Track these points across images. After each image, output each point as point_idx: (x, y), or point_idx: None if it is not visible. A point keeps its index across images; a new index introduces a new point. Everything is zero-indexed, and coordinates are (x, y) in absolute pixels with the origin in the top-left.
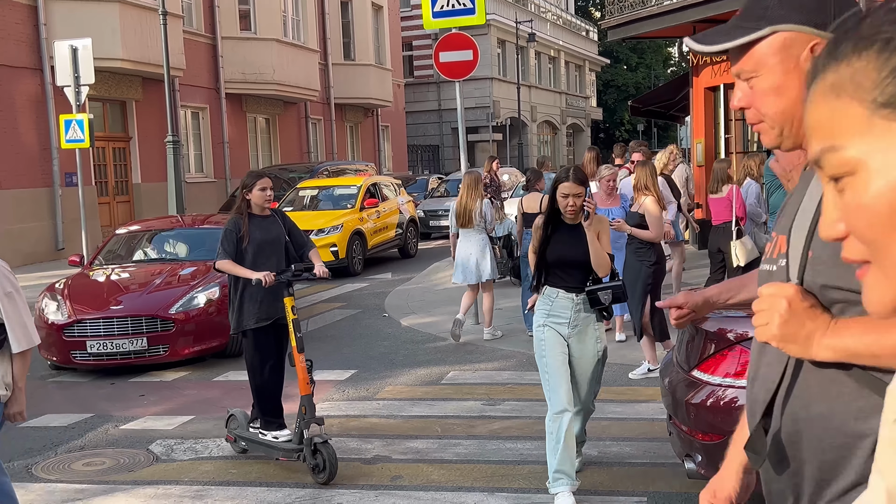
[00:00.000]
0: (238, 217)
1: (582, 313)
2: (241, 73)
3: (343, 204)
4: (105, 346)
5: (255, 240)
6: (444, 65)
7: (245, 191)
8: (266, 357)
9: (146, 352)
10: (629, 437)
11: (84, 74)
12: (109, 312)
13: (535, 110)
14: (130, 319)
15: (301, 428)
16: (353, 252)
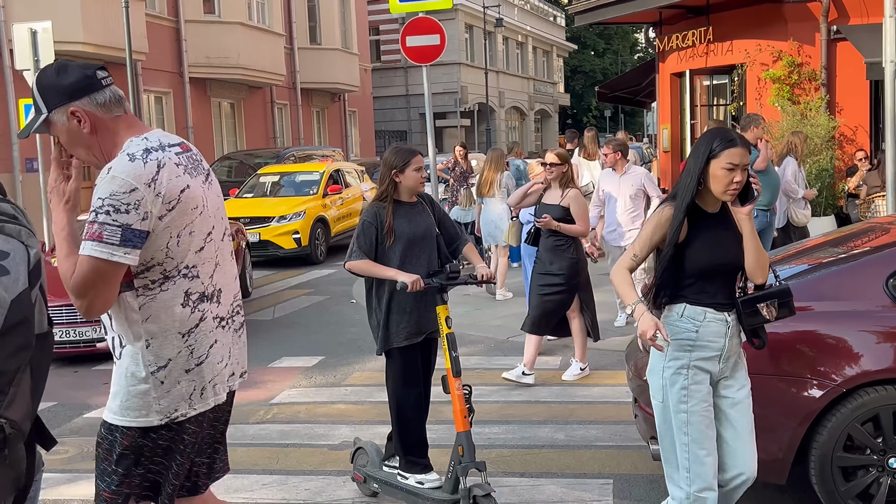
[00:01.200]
0: (380, 206)
1: (734, 339)
2: (206, 57)
3: (305, 190)
4: (68, 334)
5: (403, 235)
6: (411, 49)
7: (394, 171)
8: (414, 382)
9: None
10: (595, 421)
11: (44, 58)
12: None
13: (503, 96)
14: None
15: (457, 474)
16: (317, 239)
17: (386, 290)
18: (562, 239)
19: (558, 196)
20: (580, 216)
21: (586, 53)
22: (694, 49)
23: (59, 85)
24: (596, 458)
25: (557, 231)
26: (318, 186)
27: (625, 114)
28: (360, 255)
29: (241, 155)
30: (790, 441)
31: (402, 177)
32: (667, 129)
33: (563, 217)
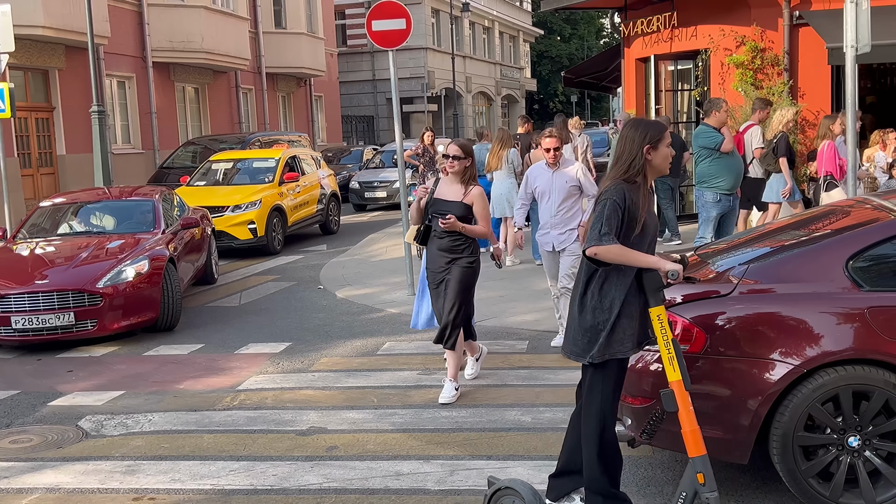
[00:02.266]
0: (629, 187)
1: None
2: (169, 41)
3: (260, 178)
4: (30, 322)
5: (649, 224)
6: (376, 33)
7: (647, 147)
8: (617, 399)
9: (73, 327)
10: (562, 404)
11: (3, 42)
12: (34, 287)
13: (469, 81)
14: (56, 294)
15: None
16: (273, 229)
17: (618, 286)
18: (460, 240)
19: (460, 192)
20: (483, 216)
21: (552, 38)
22: (659, 34)
23: None
24: (562, 441)
25: (457, 231)
26: (273, 174)
27: (591, 99)
28: (612, 240)
29: (205, 140)
30: (752, 421)
31: (655, 154)
32: (632, 114)
33: (466, 216)
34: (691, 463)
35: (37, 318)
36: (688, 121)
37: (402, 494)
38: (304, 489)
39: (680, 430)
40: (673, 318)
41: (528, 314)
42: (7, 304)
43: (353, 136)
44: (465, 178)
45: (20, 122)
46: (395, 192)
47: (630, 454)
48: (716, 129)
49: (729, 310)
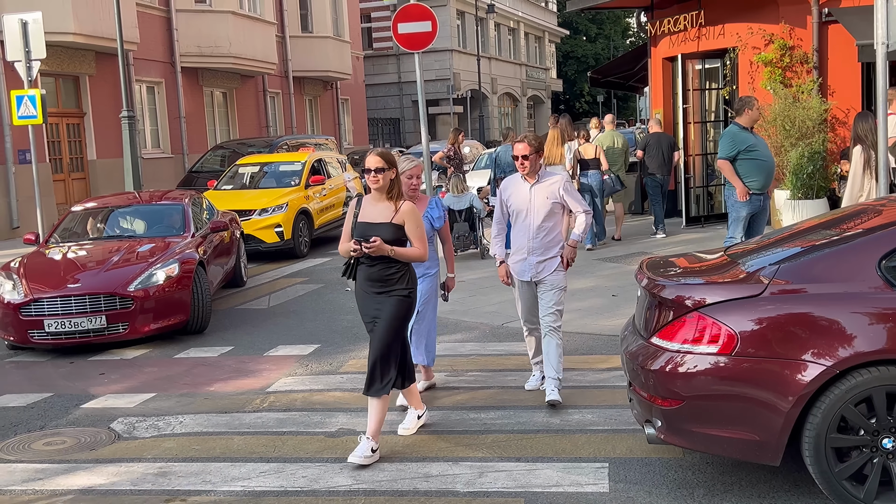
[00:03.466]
0: None
1: None
2: (197, 46)
3: (287, 181)
4: (63, 325)
5: None
6: (402, 36)
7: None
8: None
9: (105, 330)
10: (590, 405)
11: (35, 49)
12: (67, 291)
13: (495, 82)
14: (88, 297)
15: None
16: (300, 233)
17: None
18: (393, 267)
19: (389, 211)
20: (417, 235)
21: (578, 39)
22: (686, 33)
23: None
24: (591, 443)
25: (389, 257)
26: (299, 177)
27: (617, 99)
28: None
29: (233, 144)
30: (784, 423)
31: None
32: (659, 114)
33: (397, 238)
34: None
35: (69, 321)
36: (716, 120)
37: (430, 496)
38: (334, 491)
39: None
40: (702, 319)
41: None
42: (40, 308)
43: (379, 139)
44: (392, 194)
45: (52, 128)
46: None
47: (661, 456)
48: (747, 129)
49: (760, 310)
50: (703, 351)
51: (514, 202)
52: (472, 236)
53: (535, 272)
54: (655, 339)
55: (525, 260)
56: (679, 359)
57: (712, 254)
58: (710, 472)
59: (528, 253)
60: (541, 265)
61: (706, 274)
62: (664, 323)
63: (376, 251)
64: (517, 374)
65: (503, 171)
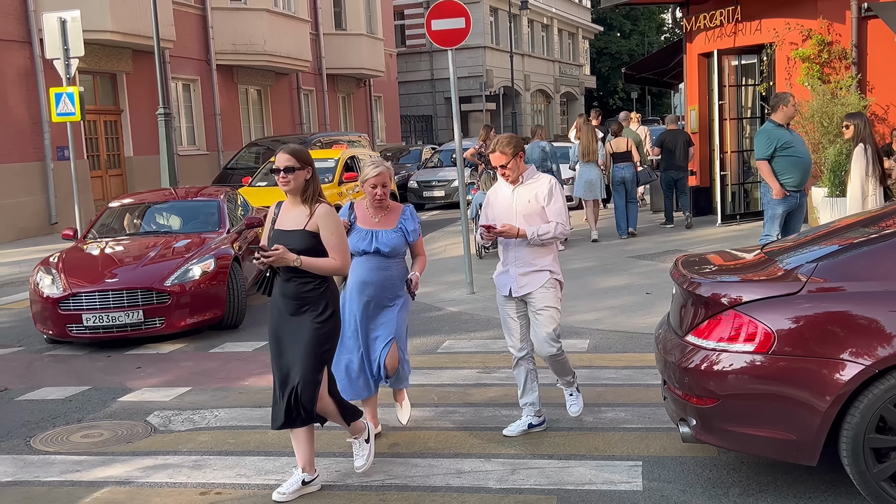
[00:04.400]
0: None
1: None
2: (232, 44)
3: (320, 178)
4: (101, 319)
5: None
6: (436, 33)
7: None
8: None
9: (142, 324)
10: (624, 403)
11: (73, 47)
12: (105, 285)
13: (528, 79)
14: (126, 292)
15: None
16: None
17: None
18: (311, 282)
19: (303, 216)
20: (334, 245)
21: (612, 35)
22: (722, 29)
23: None
24: (624, 441)
25: (306, 271)
26: (333, 174)
27: (651, 95)
28: None
29: (267, 141)
30: (821, 423)
31: None
32: (694, 110)
33: (311, 247)
34: None
35: (107, 315)
36: (752, 116)
37: (463, 492)
38: (367, 485)
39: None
40: (739, 316)
41: (589, 313)
42: (79, 302)
43: (411, 136)
44: (306, 196)
45: (89, 125)
46: (454, 191)
47: (696, 455)
48: (783, 125)
49: (797, 309)
50: (739, 349)
51: (496, 206)
52: None
53: (517, 286)
54: (691, 337)
55: (506, 272)
56: (715, 357)
57: (749, 251)
58: (745, 472)
59: (510, 264)
60: (524, 279)
61: (743, 272)
62: (700, 321)
63: (278, 261)
64: (549, 372)
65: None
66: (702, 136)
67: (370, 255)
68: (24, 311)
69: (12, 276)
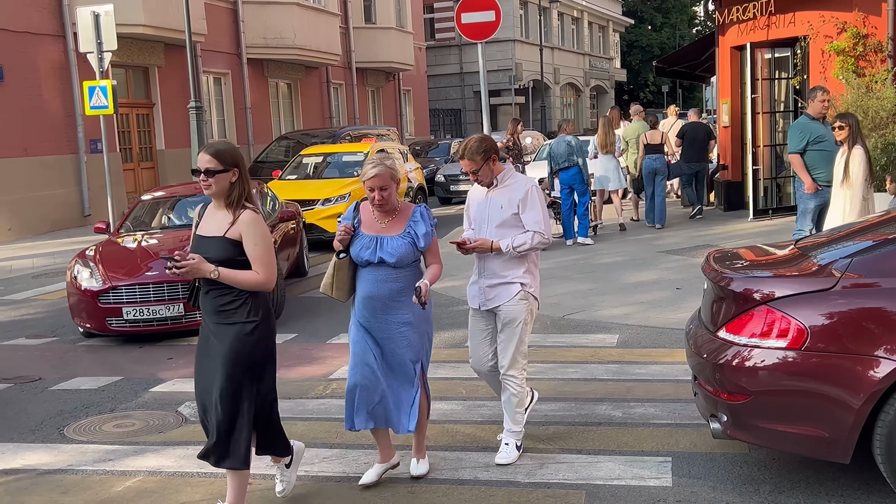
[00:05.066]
0: None
1: None
2: (263, 37)
3: (349, 171)
4: (141, 313)
5: None
6: (466, 26)
7: None
8: None
9: (183, 318)
10: (653, 399)
11: (107, 40)
12: (145, 278)
13: (558, 72)
14: (167, 285)
15: None
16: None
17: None
18: (229, 295)
19: (225, 222)
20: (258, 256)
21: (643, 28)
22: (755, 21)
23: None
24: (654, 436)
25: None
26: (362, 167)
27: (683, 89)
28: None
29: (297, 135)
30: (854, 420)
31: None
32: (727, 104)
33: (231, 257)
34: None
35: (148, 308)
36: (785, 110)
37: (491, 486)
38: (395, 478)
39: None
40: (771, 312)
41: (618, 308)
42: (119, 296)
43: (440, 130)
44: (230, 200)
45: (122, 118)
46: None
47: (726, 451)
48: (818, 119)
49: (831, 304)
50: (771, 345)
51: (474, 211)
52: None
53: (485, 299)
54: (722, 333)
55: (476, 283)
56: (746, 353)
57: (781, 247)
58: (776, 469)
59: (478, 275)
60: (492, 291)
61: (775, 267)
62: (731, 316)
63: (192, 272)
64: (578, 367)
65: (558, 163)
66: (734, 129)
67: (376, 266)
68: (59, 302)
69: (46, 267)
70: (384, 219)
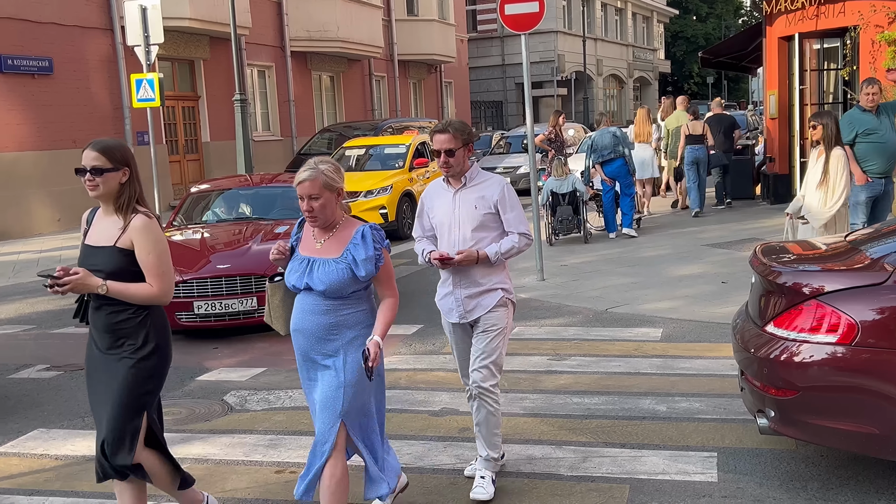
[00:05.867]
0: None
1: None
2: (306, 30)
3: (391, 164)
4: (213, 307)
5: None
6: (509, 17)
7: None
8: None
9: (255, 312)
10: (698, 393)
11: (153, 34)
12: (217, 271)
13: (601, 64)
14: (239, 278)
15: None
16: (403, 215)
17: None
18: (123, 312)
19: (114, 229)
20: (152, 267)
21: (688, 18)
22: (803, 11)
23: None
24: (699, 431)
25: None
26: (403, 160)
27: (728, 80)
28: None
29: (340, 127)
30: None
31: None
32: (774, 95)
33: (123, 268)
34: None
35: (220, 303)
36: (834, 101)
37: (534, 478)
38: (438, 469)
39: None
40: (821, 307)
41: (662, 301)
42: (189, 289)
43: (481, 122)
44: (120, 204)
45: (168, 111)
46: (520, 177)
47: (773, 447)
48: (869, 111)
49: (883, 299)
50: (820, 340)
51: (437, 213)
52: (575, 220)
53: (464, 310)
54: (770, 328)
55: (451, 294)
56: (795, 348)
57: (831, 240)
58: (824, 466)
59: (453, 284)
60: (471, 301)
61: (826, 261)
62: (780, 311)
63: (77, 288)
64: (621, 361)
65: (601, 155)
66: (781, 121)
67: (304, 293)
68: None
69: None
70: (322, 237)
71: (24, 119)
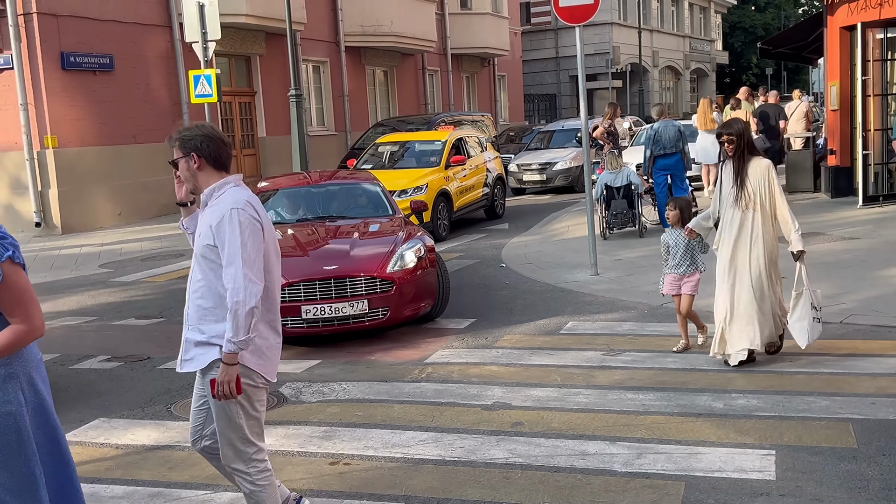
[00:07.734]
0: None
1: None
2: (360, 25)
3: (426, 161)
4: (322, 311)
5: None
6: (563, 9)
7: None
8: None
9: (366, 316)
10: (756, 390)
11: (211, 30)
12: (324, 273)
13: (656, 55)
14: (349, 280)
15: None
16: (439, 215)
17: None
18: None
19: None
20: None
21: (746, 8)
22: (866, 0)
23: None
24: (757, 429)
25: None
26: (439, 157)
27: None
28: None
29: (393, 122)
30: None
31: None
32: (835, 87)
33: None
34: None
35: (330, 307)
36: None
37: (588, 474)
38: (491, 462)
39: None
40: None
41: None
42: (295, 293)
43: (535, 115)
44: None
45: (225, 106)
46: (555, 174)
47: (834, 446)
48: None
49: None
50: None
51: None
52: (630, 214)
53: (182, 357)
54: None
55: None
56: None
57: None
58: (886, 465)
59: (183, 322)
60: (188, 348)
61: None
62: None
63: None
64: (677, 357)
65: (663, 147)
66: (843, 113)
67: None
68: (167, 284)
69: (154, 250)
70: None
71: (86, 115)
